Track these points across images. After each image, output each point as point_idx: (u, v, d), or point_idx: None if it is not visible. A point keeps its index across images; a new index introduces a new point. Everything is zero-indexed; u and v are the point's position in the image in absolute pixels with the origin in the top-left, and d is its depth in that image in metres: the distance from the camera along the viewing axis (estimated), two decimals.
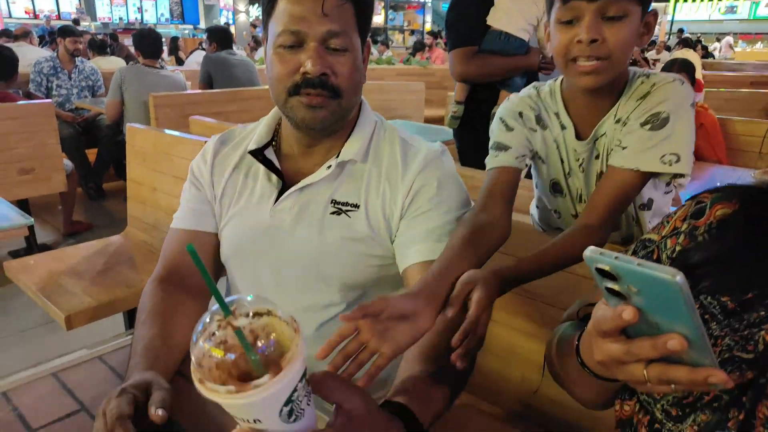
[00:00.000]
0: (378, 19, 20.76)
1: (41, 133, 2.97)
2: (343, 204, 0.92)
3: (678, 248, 0.61)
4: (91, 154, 3.99)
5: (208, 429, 0.75)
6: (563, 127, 1.07)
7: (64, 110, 3.99)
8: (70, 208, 3.30)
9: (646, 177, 0.96)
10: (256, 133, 0.99)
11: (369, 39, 0.94)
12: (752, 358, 0.52)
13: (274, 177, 0.95)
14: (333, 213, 0.92)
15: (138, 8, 15.28)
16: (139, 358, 0.79)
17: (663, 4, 17.72)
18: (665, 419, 0.57)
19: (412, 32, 16.49)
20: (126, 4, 14.98)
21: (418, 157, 0.93)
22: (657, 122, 0.93)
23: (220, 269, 1.02)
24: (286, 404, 0.47)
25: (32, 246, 2.95)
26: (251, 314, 0.49)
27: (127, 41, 9.91)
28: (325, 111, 0.87)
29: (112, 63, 5.05)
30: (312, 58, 0.83)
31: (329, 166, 0.92)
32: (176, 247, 0.99)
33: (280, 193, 0.94)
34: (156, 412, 0.67)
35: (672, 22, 16.93)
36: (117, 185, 4.11)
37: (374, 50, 10.80)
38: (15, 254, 2.90)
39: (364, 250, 0.91)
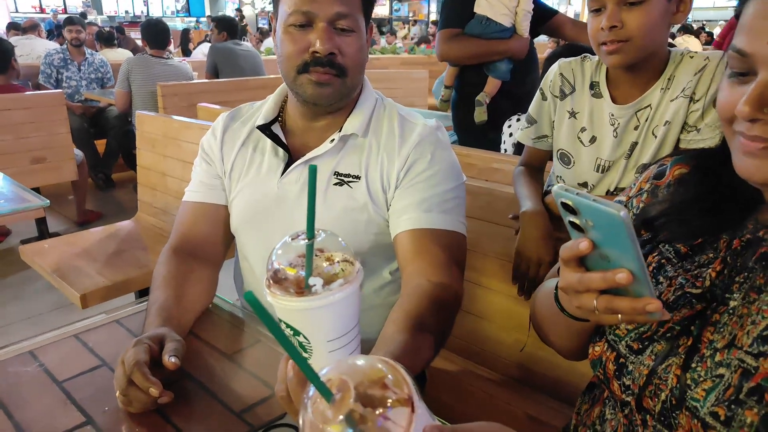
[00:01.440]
0: (383, 10, 20.69)
1: (52, 123, 3.05)
2: (345, 175, 0.97)
3: (641, 205, 0.70)
4: (100, 144, 4.06)
5: (218, 381, 0.81)
6: (598, 95, 1.14)
7: (73, 101, 4.06)
8: (82, 197, 3.38)
9: None
10: (263, 109, 1.04)
11: (372, 22, 0.98)
12: (700, 293, 0.60)
13: (281, 151, 1.00)
14: (336, 184, 0.97)
15: (144, 1, 15.35)
16: (153, 317, 0.85)
17: None
18: (628, 353, 0.63)
19: (415, 22, 16.42)
20: None
21: (415, 132, 0.97)
22: None
23: (230, 238, 1.07)
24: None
25: (44, 234, 3.02)
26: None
27: (134, 34, 9.98)
28: (332, 88, 0.92)
29: (120, 55, 5.11)
30: (321, 38, 0.88)
31: (332, 140, 0.97)
32: (189, 219, 1.05)
33: (287, 166, 0.99)
34: (169, 359, 0.72)
35: None
36: (126, 175, 4.19)
37: (383, 40, 10.81)
38: (27, 243, 2.98)
39: (364, 218, 0.96)
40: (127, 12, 14.70)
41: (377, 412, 0.37)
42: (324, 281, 0.55)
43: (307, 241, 0.56)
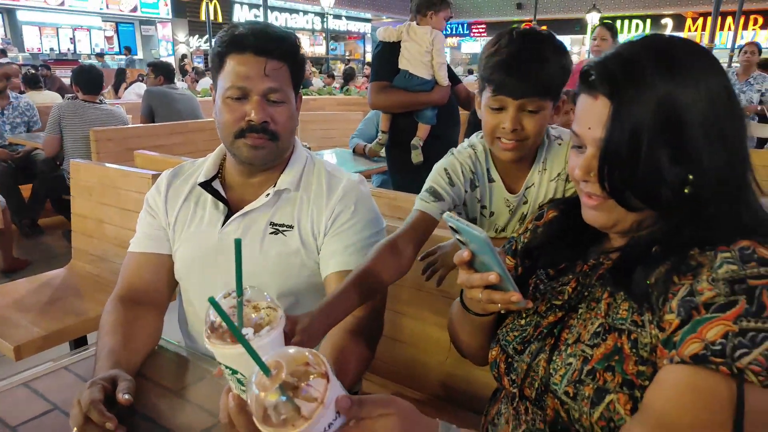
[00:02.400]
0: (320, 50, 21.20)
1: None
2: (280, 225, 1.11)
3: (525, 240, 0.93)
4: (25, 189, 3.94)
5: (166, 415, 0.90)
6: (492, 180, 1.26)
7: None
8: (7, 244, 3.26)
9: None
10: (204, 167, 1.16)
11: (300, 91, 1.14)
12: (561, 304, 0.80)
13: (221, 204, 1.12)
14: (272, 233, 1.10)
15: (70, 38, 14.89)
16: (104, 361, 0.93)
17: (580, 36, 19.23)
18: (514, 353, 0.81)
19: (349, 62, 16.97)
20: (57, 35, 14.58)
21: (340, 186, 1.14)
22: None
23: (174, 284, 1.17)
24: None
25: None
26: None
27: (59, 72, 9.66)
28: (266, 151, 1.07)
29: (47, 97, 5.00)
30: (255, 109, 1.03)
31: (268, 194, 1.11)
32: (134, 268, 1.14)
33: (226, 218, 1.11)
34: (123, 396, 0.82)
35: (589, 52, 18.38)
36: (53, 220, 4.07)
37: (320, 81, 11.07)
38: None
39: (297, 262, 1.10)
40: (52, 49, 14.19)
41: (302, 383, 0.52)
42: (254, 329, 0.65)
43: (236, 298, 0.67)
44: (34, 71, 6.36)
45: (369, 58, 20.61)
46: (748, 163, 0.70)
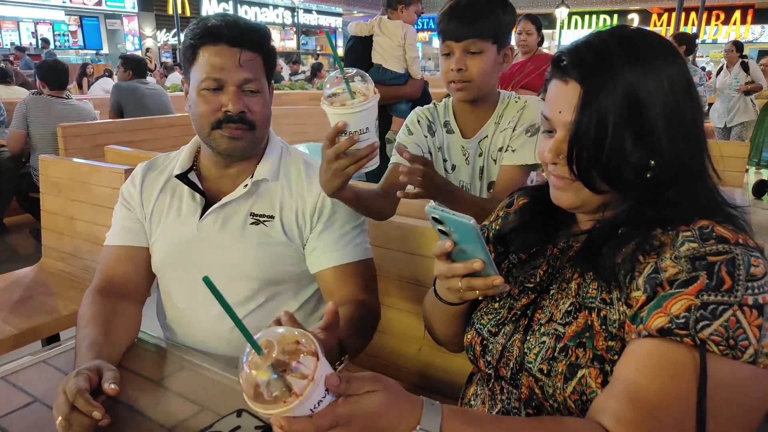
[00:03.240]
0: (291, 44, 20.99)
1: None
2: (261, 216, 1.12)
3: (497, 227, 0.95)
4: None
5: (148, 404, 0.91)
6: (451, 132, 1.38)
7: None
8: None
9: (530, 168, 1.29)
10: (179, 159, 1.17)
11: (272, 82, 1.16)
12: (533, 286, 0.84)
13: (197, 196, 1.13)
14: (252, 223, 1.12)
15: (32, 33, 14.39)
16: (85, 352, 0.94)
17: (550, 31, 19.52)
18: (488, 336, 0.84)
19: (318, 56, 16.88)
20: (18, 28, 14.07)
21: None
22: (534, 131, 1.27)
23: (152, 277, 1.17)
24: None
25: None
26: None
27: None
28: (244, 141, 1.08)
29: (15, 92, 4.85)
30: (232, 99, 1.04)
31: (246, 185, 1.12)
32: (112, 261, 1.14)
33: (204, 210, 1.12)
34: (109, 386, 0.83)
35: (559, 46, 18.69)
36: (20, 219, 3.97)
37: (286, 68, 10.99)
38: None
39: (280, 251, 1.12)
40: (13, 44, 13.69)
41: (293, 361, 0.54)
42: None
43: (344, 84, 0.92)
44: (3, 66, 6.17)
45: (340, 52, 20.50)
46: (706, 149, 0.74)
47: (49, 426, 0.82)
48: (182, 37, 1.13)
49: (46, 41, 13.45)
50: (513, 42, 1.50)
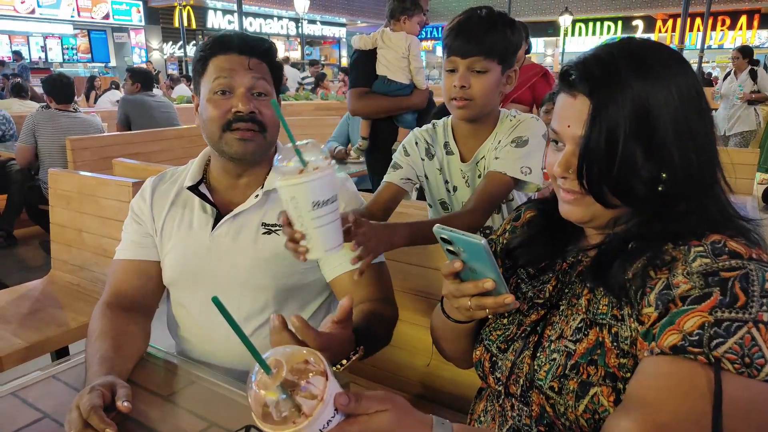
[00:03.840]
0: (295, 55, 21.15)
1: None
2: (272, 225, 1.13)
3: (504, 241, 0.94)
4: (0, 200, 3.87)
5: (157, 420, 0.91)
6: (450, 153, 1.36)
7: None
8: None
9: (512, 182, 1.25)
10: (188, 172, 1.17)
11: (280, 96, 1.17)
12: (542, 302, 0.82)
13: (209, 207, 1.14)
14: (264, 233, 1.12)
15: (41, 47, 14.58)
16: (97, 367, 0.93)
17: (554, 38, 19.58)
18: (497, 352, 0.83)
19: (323, 66, 16.98)
20: (28, 43, 14.26)
21: None
22: (520, 143, 1.25)
23: (161, 290, 1.17)
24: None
25: None
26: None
27: (32, 81, 9.48)
28: (254, 143, 1.09)
29: (27, 106, 4.93)
30: (242, 101, 1.06)
31: (257, 195, 1.13)
32: (121, 275, 1.14)
33: (216, 221, 1.12)
34: (123, 404, 0.83)
35: (563, 54, 18.71)
36: (30, 231, 4.00)
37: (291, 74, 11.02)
38: None
39: (292, 261, 1.11)
40: (20, 55, 13.87)
41: (302, 381, 0.54)
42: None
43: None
44: (19, 80, 6.31)
45: (345, 62, 20.64)
46: (717, 161, 0.73)
47: None
48: (188, 49, 1.15)
49: (18, 54, 13.21)
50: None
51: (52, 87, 3.66)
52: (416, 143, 1.38)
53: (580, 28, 20.05)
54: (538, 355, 0.77)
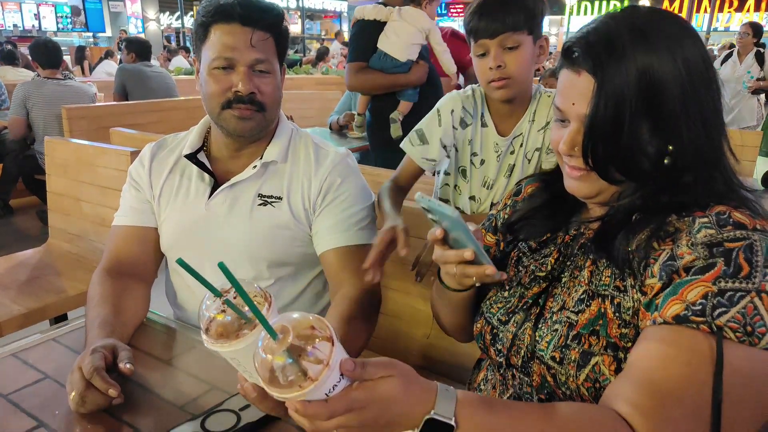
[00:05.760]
0: (295, 28, 20.80)
1: None
2: (269, 197, 1.12)
3: (505, 216, 0.94)
4: None
5: (159, 383, 0.92)
6: (485, 125, 1.36)
7: None
8: None
9: None
10: (188, 140, 1.16)
11: (284, 64, 1.14)
12: (544, 275, 0.82)
13: (206, 176, 1.13)
14: (260, 204, 1.11)
15: (35, 14, 14.28)
16: (97, 330, 0.94)
17: (559, 17, 19.30)
18: (498, 324, 0.84)
19: (323, 41, 16.73)
20: (21, 10, 13.97)
21: (328, 159, 1.15)
22: None
23: (160, 257, 1.17)
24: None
25: None
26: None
27: (23, 50, 9.34)
28: (253, 122, 1.07)
29: (21, 74, 4.85)
30: (243, 80, 1.03)
31: (255, 166, 1.11)
32: (120, 241, 1.14)
33: (213, 190, 1.12)
34: (126, 366, 0.83)
35: (567, 33, 18.46)
36: (26, 201, 3.97)
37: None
38: None
39: (287, 233, 1.11)
40: (15, 26, 13.62)
41: (308, 346, 0.54)
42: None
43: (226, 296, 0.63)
44: (11, 47, 6.20)
45: (347, 37, 20.34)
46: (724, 131, 0.72)
47: (61, 401, 0.82)
48: (186, 20, 1.11)
49: None
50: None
51: (37, 52, 3.58)
52: (452, 111, 1.36)
53: (585, 6, 19.73)
54: (540, 326, 0.77)
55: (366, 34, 2.49)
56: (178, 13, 15.14)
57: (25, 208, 3.97)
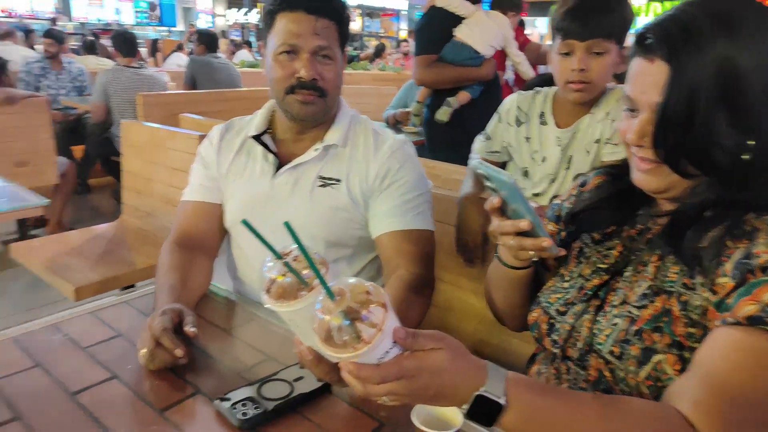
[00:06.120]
0: (355, 26, 21.01)
1: (36, 128, 3.12)
2: (328, 179, 1.15)
3: (570, 205, 0.92)
4: (77, 151, 4.12)
5: (219, 349, 0.97)
6: (544, 123, 1.37)
7: (51, 109, 4.11)
8: (64, 201, 3.41)
9: None
10: (254, 122, 1.21)
11: (345, 50, 1.18)
12: (607, 267, 0.81)
13: (271, 157, 1.17)
14: (320, 186, 1.15)
15: (115, 9, 15.21)
16: (166, 295, 1.00)
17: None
18: (556, 315, 0.82)
19: (380, 39, 16.78)
20: (103, 5, 14.91)
21: (386, 145, 1.17)
22: None
23: (224, 233, 1.23)
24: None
25: (25, 236, 3.08)
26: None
27: (104, 41, 9.97)
28: (315, 107, 1.11)
29: (102, 63, 5.20)
30: (305, 66, 1.07)
31: (316, 149, 1.15)
32: (188, 216, 1.20)
33: (277, 170, 1.16)
34: (190, 329, 0.88)
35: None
36: (103, 181, 4.25)
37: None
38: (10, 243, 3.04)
39: (346, 216, 1.15)
40: (99, 20, 14.54)
41: (363, 310, 0.56)
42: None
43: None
44: (92, 38, 6.71)
45: (403, 35, 20.34)
46: None
47: (132, 358, 0.89)
48: (252, 15, 1.16)
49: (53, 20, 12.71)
50: None
51: (118, 41, 3.85)
52: (508, 111, 1.41)
53: (655, 9, 18.83)
54: (599, 319, 0.76)
55: (438, 26, 2.44)
56: (246, 9, 15.67)
57: (101, 187, 4.26)
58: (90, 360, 0.90)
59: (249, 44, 11.03)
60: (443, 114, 2.47)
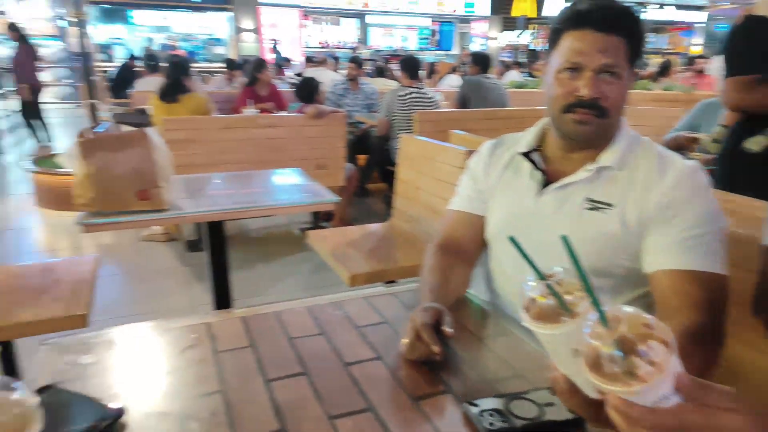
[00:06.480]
0: None
1: (334, 138, 3.77)
2: (599, 202, 1.07)
3: None
4: (360, 159, 4.83)
5: (471, 354, 0.99)
6: None
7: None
8: (348, 201, 4.06)
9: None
10: (524, 139, 1.21)
11: (635, 68, 1.08)
12: None
13: (538, 174, 1.16)
14: (589, 209, 1.08)
15: (402, 36, 17.38)
16: (428, 294, 1.08)
17: None
18: None
19: (664, 55, 14.77)
20: (393, 34, 17.19)
21: (674, 172, 1.03)
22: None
23: (482, 245, 1.26)
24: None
25: (317, 226, 3.75)
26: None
27: (391, 65, 11.44)
28: (591, 127, 1.05)
29: (388, 85, 6.00)
30: (588, 85, 1.02)
31: (589, 170, 1.09)
32: (453, 223, 1.28)
33: (543, 188, 1.14)
34: (447, 330, 0.93)
35: None
36: (378, 187, 4.88)
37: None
38: (306, 230, 3.74)
39: (614, 244, 1.05)
40: (389, 47, 16.80)
41: (641, 343, 0.49)
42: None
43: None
44: (383, 63, 7.88)
45: (698, 50, 17.68)
46: None
47: (395, 344, 0.98)
48: (523, 38, 1.16)
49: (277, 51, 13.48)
50: None
51: (406, 64, 4.35)
52: None
53: None
54: None
55: (761, 39, 1.93)
56: (519, 31, 15.95)
57: (376, 192, 4.89)
58: (361, 338, 1.03)
59: (519, 65, 11.17)
60: (756, 143, 2.02)
